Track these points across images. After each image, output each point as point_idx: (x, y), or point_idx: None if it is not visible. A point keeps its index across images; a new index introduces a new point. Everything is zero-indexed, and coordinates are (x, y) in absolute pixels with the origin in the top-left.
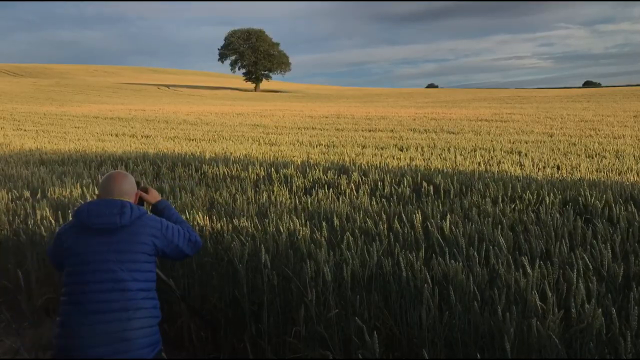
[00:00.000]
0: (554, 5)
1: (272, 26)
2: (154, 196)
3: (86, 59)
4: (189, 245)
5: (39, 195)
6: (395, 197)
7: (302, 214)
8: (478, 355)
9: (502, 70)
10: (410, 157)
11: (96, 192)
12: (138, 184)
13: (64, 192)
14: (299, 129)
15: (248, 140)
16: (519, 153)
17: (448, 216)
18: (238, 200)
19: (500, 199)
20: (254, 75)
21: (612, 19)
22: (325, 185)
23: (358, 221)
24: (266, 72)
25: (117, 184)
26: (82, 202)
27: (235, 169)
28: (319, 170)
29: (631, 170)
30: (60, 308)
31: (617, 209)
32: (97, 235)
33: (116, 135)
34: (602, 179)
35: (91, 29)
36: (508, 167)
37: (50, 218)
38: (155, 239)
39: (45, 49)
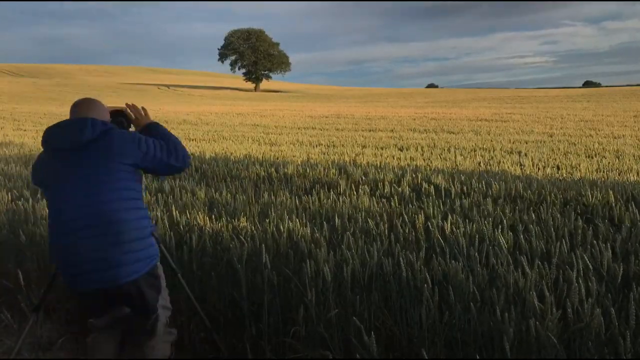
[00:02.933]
0: (559, 2)
1: (270, 23)
2: (143, 118)
3: (77, 58)
4: (171, 155)
5: (39, 195)
6: (395, 197)
7: (304, 214)
8: (477, 356)
9: (505, 70)
10: (410, 157)
11: None
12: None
13: None
14: (299, 128)
15: (248, 140)
16: (519, 153)
17: (449, 216)
18: (239, 200)
19: (500, 199)
20: (254, 75)
21: (618, 16)
22: (326, 185)
23: (360, 221)
24: (266, 72)
25: (82, 110)
26: None
27: (235, 169)
28: (319, 170)
29: (631, 170)
30: (48, 230)
31: (618, 209)
32: (66, 156)
33: None
34: (602, 179)
35: (75, 26)
36: (508, 167)
37: None
38: (130, 153)
39: (28, 46)
